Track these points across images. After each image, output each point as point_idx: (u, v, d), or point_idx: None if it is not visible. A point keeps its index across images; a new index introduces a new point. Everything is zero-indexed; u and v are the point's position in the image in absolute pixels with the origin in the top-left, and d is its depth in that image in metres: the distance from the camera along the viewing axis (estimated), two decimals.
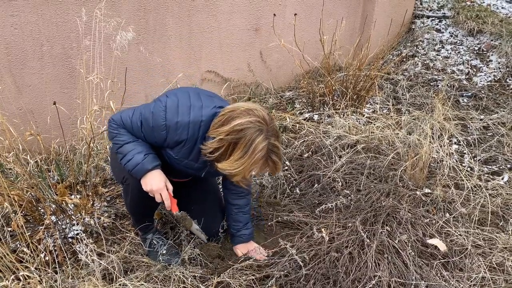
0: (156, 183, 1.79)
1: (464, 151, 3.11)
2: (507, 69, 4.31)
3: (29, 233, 2.15)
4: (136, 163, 1.77)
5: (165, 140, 1.79)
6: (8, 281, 1.77)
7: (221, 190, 2.32)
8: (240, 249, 2.22)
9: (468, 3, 5.31)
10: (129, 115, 1.83)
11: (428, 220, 2.37)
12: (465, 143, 3.19)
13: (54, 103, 2.32)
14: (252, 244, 2.23)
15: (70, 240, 2.26)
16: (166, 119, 1.74)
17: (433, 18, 5.21)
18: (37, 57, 2.77)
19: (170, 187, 1.85)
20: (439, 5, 5.43)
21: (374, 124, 3.23)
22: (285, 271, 2.05)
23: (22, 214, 2.14)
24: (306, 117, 3.58)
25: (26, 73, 2.78)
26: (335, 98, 3.62)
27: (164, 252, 2.18)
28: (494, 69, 4.38)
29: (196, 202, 2.26)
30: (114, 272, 1.96)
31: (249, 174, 1.74)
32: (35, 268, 1.90)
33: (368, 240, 2.16)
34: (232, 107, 1.72)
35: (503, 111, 3.69)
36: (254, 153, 1.66)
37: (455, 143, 3.25)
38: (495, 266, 2.11)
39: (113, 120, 1.86)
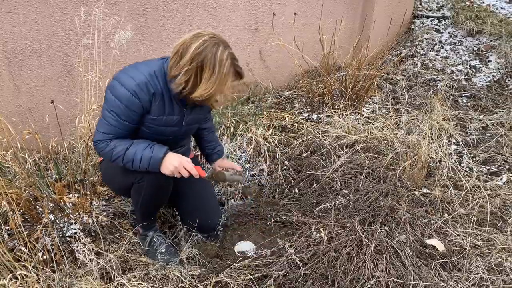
0: (175, 162, 1.86)
1: (463, 152, 3.12)
2: (506, 70, 4.31)
3: (27, 232, 2.14)
4: (149, 159, 1.84)
5: (141, 106, 1.85)
6: (6, 280, 1.76)
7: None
8: (219, 164, 2.39)
9: (468, 3, 5.31)
10: (104, 123, 1.87)
11: (426, 220, 2.37)
12: (464, 144, 3.19)
13: (52, 102, 2.31)
14: (225, 160, 2.44)
15: (68, 239, 2.25)
16: (129, 89, 1.81)
17: (433, 18, 5.21)
18: (36, 55, 2.77)
19: (186, 158, 1.91)
20: (439, 5, 5.43)
21: (373, 124, 3.23)
22: (284, 270, 2.04)
23: (20, 212, 2.13)
24: (305, 117, 3.57)
25: (25, 71, 2.77)
26: (334, 98, 3.61)
27: (163, 250, 2.18)
28: (493, 69, 4.38)
29: (192, 198, 2.28)
30: (112, 271, 1.96)
31: (226, 88, 1.82)
32: (33, 267, 1.90)
33: (366, 240, 2.16)
34: (179, 43, 1.79)
35: (502, 111, 3.70)
36: (222, 66, 1.75)
37: (454, 143, 3.25)
38: (494, 266, 2.11)
39: (98, 141, 1.88)
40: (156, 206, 2.24)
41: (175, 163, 1.85)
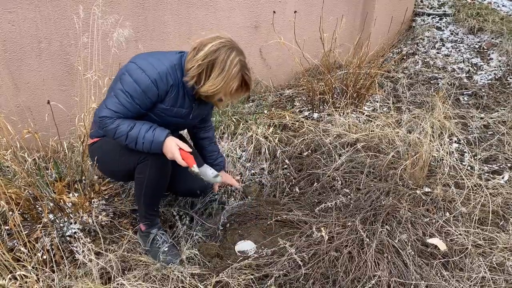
0: (171, 149, 1.93)
1: (465, 150, 3.10)
2: (508, 68, 4.29)
3: (26, 232, 2.13)
4: (150, 141, 1.92)
5: (158, 94, 1.93)
6: (5, 280, 1.75)
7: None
8: (225, 176, 2.45)
9: (469, 0, 5.29)
10: (115, 101, 1.91)
11: (428, 219, 2.36)
12: (466, 142, 3.17)
13: (48, 102, 2.31)
14: (227, 174, 2.51)
15: (67, 238, 2.24)
16: (149, 76, 1.88)
17: (434, 16, 5.18)
18: (35, 54, 2.75)
19: (184, 145, 1.96)
20: (440, 3, 5.41)
21: (374, 123, 3.21)
22: (284, 270, 2.03)
23: (19, 212, 2.12)
24: (306, 115, 3.56)
25: (24, 70, 2.76)
26: (335, 96, 3.60)
27: (166, 250, 2.17)
28: (495, 67, 4.35)
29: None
30: (111, 272, 1.95)
31: (230, 89, 1.92)
32: (32, 267, 1.89)
33: (367, 240, 2.15)
34: (199, 40, 1.92)
35: (504, 109, 3.68)
36: (231, 68, 1.87)
37: (455, 141, 3.24)
38: (496, 266, 2.10)
39: (105, 116, 1.91)
40: (160, 188, 2.19)
41: (169, 154, 1.94)
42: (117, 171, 2.21)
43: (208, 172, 2.18)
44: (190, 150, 1.97)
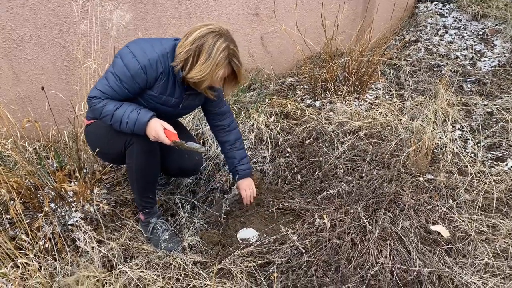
0: (155, 130, 1.93)
1: (468, 137, 3.08)
2: None
3: (28, 221, 2.13)
4: (134, 121, 1.92)
5: (146, 80, 1.94)
6: (7, 268, 1.75)
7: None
8: (241, 185, 2.40)
9: None
10: (104, 83, 1.94)
11: (431, 206, 2.34)
12: (469, 129, 3.15)
13: (42, 89, 2.29)
14: (249, 180, 2.42)
15: (69, 227, 2.24)
16: (139, 62, 1.90)
17: (437, 2, 5.12)
18: (34, 42, 2.73)
19: (169, 126, 1.97)
20: None
21: (377, 110, 3.19)
22: (287, 257, 2.03)
23: (20, 201, 2.12)
24: (308, 104, 3.54)
25: (23, 59, 2.73)
26: (337, 84, 3.57)
27: (167, 237, 2.17)
28: (499, 54, 4.31)
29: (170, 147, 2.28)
30: (113, 260, 1.95)
31: (216, 76, 1.91)
32: (34, 256, 1.89)
33: (370, 227, 2.14)
34: (190, 28, 1.91)
35: (508, 96, 3.64)
36: (217, 54, 1.85)
37: (458, 129, 3.21)
38: (499, 252, 2.09)
39: (94, 96, 1.95)
40: (151, 174, 2.17)
41: (153, 133, 1.93)
42: (108, 154, 2.23)
43: (194, 144, 2.10)
44: (175, 131, 1.97)
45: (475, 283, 1.91)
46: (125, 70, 1.90)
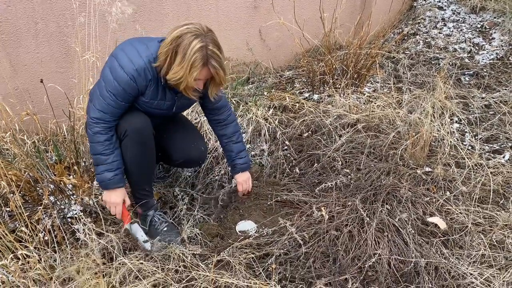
0: (113, 199, 2.06)
1: (465, 130, 3.09)
2: (510, 47, 4.24)
3: (28, 213, 2.13)
4: (103, 180, 2.02)
5: (137, 89, 1.95)
6: (7, 260, 1.77)
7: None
8: (238, 179, 2.39)
9: None
10: (101, 102, 1.95)
11: (428, 198, 2.36)
12: (466, 122, 3.16)
13: (41, 81, 2.29)
14: (246, 174, 2.41)
15: (69, 220, 2.25)
16: (127, 74, 1.89)
17: None
18: (32, 35, 2.72)
19: (128, 202, 2.13)
20: None
21: (375, 103, 3.20)
22: (285, 249, 2.05)
23: (20, 194, 2.13)
24: (306, 97, 3.54)
25: (21, 52, 2.73)
26: (336, 77, 3.57)
27: (165, 229, 2.18)
28: (497, 47, 4.30)
29: (173, 132, 2.35)
30: (113, 251, 1.96)
31: (192, 79, 1.84)
32: (34, 248, 1.90)
33: (368, 219, 2.15)
34: (174, 27, 1.86)
35: (505, 89, 3.65)
36: (191, 56, 1.78)
37: (456, 121, 3.22)
38: (495, 243, 2.11)
39: (95, 118, 1.98)
40: (146, 166, 2.18)
41: (111, 199, 2.06)
42: None
43: (138, 233, 2.16)
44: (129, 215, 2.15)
45: (471, 274, 1.93)
46: (116, 85, 1.91)
